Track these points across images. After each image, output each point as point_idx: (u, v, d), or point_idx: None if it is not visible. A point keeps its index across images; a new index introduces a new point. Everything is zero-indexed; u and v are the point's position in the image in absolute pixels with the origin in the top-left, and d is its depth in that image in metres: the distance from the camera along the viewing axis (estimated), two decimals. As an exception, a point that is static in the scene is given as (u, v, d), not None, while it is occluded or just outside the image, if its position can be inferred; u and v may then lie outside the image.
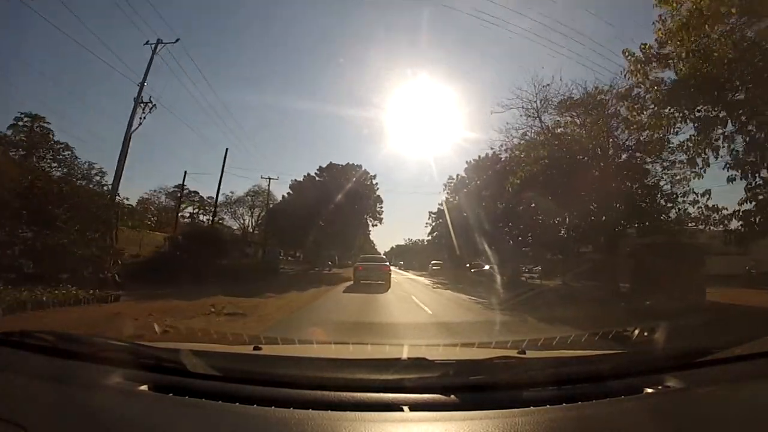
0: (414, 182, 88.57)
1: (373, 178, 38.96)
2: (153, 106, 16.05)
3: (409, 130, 68.62)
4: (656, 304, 9.35)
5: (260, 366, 1.40)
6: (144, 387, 1.21)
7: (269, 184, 35.38)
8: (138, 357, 1.33)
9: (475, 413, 1.09)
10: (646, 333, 2.64)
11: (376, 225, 40.48)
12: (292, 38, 70.73)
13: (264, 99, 60.44)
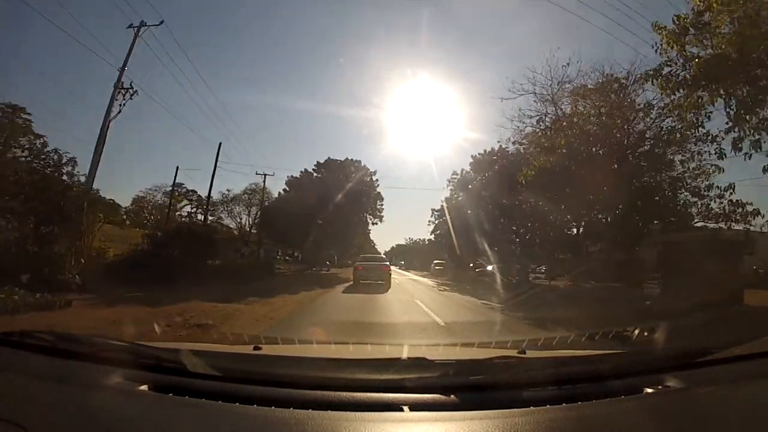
0: (414, 182, 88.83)
1: (374, 174, 36.33)
2: (134, 92, 15.02)
3: (409, 130, 69.19)
4: (693, 308, 7.64)
5: (260, 366, 1.40)
6: (144, 387, 1.21)
7: (264, 180, 33.71)
8: (138, 357, 1.33)
9: (475, 413, 1.09)
10: (646, 333, 2.64)
11: (377, 223, 37.93)
12: (292, 38, 71.08)
13: (264, 99, 60.73)
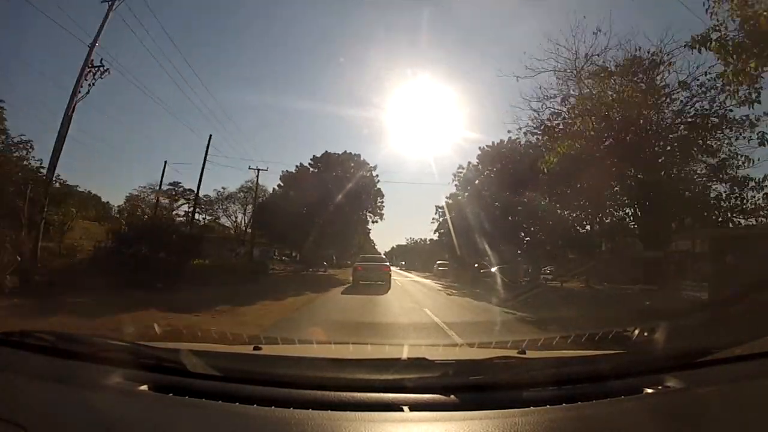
0: (414, 183, 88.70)
1: (374, 169, 34.15)
2: (105, 71, 13.33)
3: (410, 131, 69.17)
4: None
5: (260, 366, 1.40)
6: (144, 387, 1.21)
7: (258, 176, 31.56)
8: (138, 357, 1.33)
9: (475, 413, 1.09)
10: (646, 333, 2.64)
11: (377, 221, 36.05)
12: (292, 37, 71.07)
13: (263, 99, 60.81)
